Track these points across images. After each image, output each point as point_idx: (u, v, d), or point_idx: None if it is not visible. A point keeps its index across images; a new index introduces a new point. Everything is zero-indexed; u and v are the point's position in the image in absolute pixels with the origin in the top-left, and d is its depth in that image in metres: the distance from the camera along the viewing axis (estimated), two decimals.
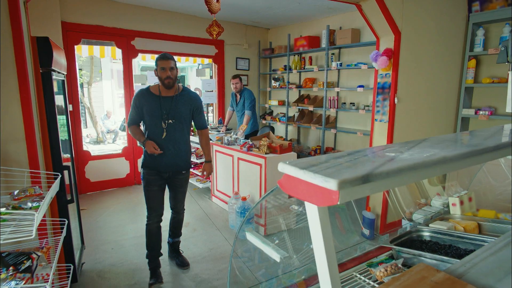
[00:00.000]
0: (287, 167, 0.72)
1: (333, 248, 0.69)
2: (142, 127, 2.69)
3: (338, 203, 0.63)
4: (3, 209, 1.32)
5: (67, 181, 2.34)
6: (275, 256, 0.83)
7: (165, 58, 2.51)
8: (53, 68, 2.09)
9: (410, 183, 2.30)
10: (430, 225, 1.84)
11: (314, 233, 0.69)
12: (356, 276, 1.49)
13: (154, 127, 2.56)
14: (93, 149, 7.95)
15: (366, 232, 3.40)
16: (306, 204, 0.70)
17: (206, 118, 6.30)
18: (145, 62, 10.47)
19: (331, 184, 0.61)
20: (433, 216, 2.06)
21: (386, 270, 1.37)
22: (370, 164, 0.73)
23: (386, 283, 0.87)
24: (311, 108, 5.48)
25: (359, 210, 3.70)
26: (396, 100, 3.20)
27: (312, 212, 0.69)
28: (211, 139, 4.56)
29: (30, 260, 1.36)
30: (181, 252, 3.03)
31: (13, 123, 1.80)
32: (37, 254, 1.39)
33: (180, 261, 2.92)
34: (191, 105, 2.67)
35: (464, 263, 1.00)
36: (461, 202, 1.97)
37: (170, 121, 2.56)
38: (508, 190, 2.50)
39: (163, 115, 2.54)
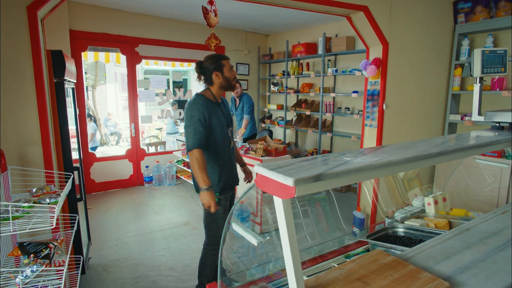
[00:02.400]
0: (260, 169, 0.92)
1: (294, 231, 0.89)
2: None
3: (295, 196, 0.83)
4: (25, 204, 1.53)
5: (76, 181, 2.55)
6: (254, 241, 1.02)
7: (228, 58, 2.29)
8: (65, 78, 2.30)
9: (360, 181, 2.51)
10: (405, 222, 2.03)
11: (279, 218, 0.89)
12: (334, 266, 1.68)
13: (223, 139, 2.24)
14: (97, 151, 8.16)
15: (357, 230, 3.59)
16: (274, 197, 0.90)
17: None
18: (148, 66, 10.71)
19: (289, 181, 0.81)
20: (412, 214, 2.25)
21: None
22: (325, 166, 0.92)
23: (345, 263, 1.07)
24: (308, 113, 5.67)
25: (350, 211, 3.89)
26: (384, 107, 3.39)
27: (278, 203, 0.89)
28: None
29: (48, 249, 1.56)
30: None
31: (31, 128, 2.01)
32: (54, 244, 1.59)
33: None
34: (228, 109, 2.46)
35: (414, 249, 1.20)
36: (435, 202, 2.16)
37: (230, 128, 2.32)
38: (483, 191, 2.69)
39: (227, 122, 2.29)
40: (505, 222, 1.40)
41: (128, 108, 5.51)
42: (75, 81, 2.91)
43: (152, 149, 7.02)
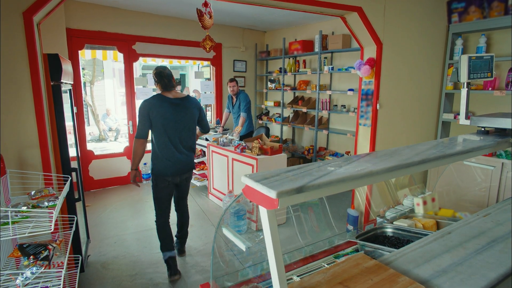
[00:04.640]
0: (247, 180, 0.97)
1: (278, 238, 0.94)
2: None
3: (278, 207, 0.88)
4: (24, 208, 1.58)
5: (74, 180, 2.60)
6: (242, 246, 1.07)
7: None
8: (62, 81, 2.33)
9: (343, 191, 2.61)
10: (394, 222, 2.09)
11: (264, 226, 0.94)
12: (324, 266, 1.75)
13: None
14: (95, 147, 8.21)
15: (350, 228, 3.66)
16: (259, 207, 0.95)
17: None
18: (146, 62, 10.71)
19: (272, 194, 0.86)
20: (401, 214, 2.31)
21: None
22: (308, 177, 0.97)
23: (329, 267, 1.12)
24: (304, 110, 5.71)
25: (345, 208, 3.96)
26: (378, 106, 3.44)
27: (263, 212, 0.94)
28: (207, 140, 4.82)
29: (47, 251, 1.61)
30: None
31: (29, 132, 2.05)
32: (52, 245, 1.65)
33: None
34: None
35: (396, 253, 1.26)
36: (424, 202, 2.22)
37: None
38: (473, 190, 2.74)
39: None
40: (486, 225, 1.45)
41: (125, 103, 5.53)
42: (72, 83, 2.94)
43: (149, 147, 7.06)
